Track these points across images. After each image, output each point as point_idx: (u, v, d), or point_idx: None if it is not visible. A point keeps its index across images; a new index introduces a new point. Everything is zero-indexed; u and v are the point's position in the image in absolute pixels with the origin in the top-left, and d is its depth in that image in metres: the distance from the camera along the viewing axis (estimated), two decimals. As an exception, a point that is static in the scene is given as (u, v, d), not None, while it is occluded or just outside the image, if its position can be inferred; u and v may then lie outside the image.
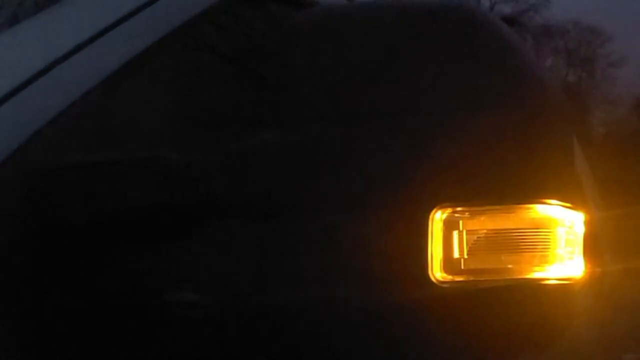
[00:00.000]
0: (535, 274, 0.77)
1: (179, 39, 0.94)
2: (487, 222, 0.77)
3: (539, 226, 0.77)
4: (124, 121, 0.88)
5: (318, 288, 0.78)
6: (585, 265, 0.83)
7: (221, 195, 0.79)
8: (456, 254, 0.76)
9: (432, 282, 0.76)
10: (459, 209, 0.77)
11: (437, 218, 0.76)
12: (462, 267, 0.77)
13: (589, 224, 0.83)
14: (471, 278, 0.77)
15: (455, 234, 0.76)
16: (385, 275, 0.77)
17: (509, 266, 0.77)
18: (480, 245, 0.77)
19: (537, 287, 0.78)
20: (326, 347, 0.79)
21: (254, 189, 0.79)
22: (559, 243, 0.77)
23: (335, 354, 0.79)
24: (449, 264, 0.76)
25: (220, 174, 0.80)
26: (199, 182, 0.79)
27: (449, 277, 0.77)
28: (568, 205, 0.79)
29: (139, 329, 0.79)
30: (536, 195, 0.78)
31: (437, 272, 0.76)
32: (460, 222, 0.77)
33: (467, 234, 0.76)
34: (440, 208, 0.76)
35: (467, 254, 0.76)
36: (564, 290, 0.80)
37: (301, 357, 0.80)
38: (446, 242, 0.76)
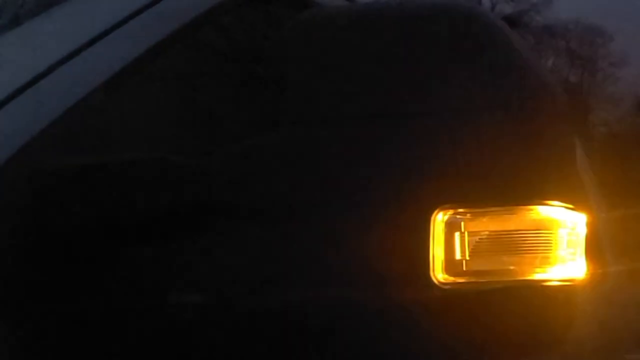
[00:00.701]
0: (537, 275, 0.77)
1: (180, 41, 0.94)
2: (489, 223, 0.77)
3: (540, 227, 0.77)
4: (127, 122, 0.88)
5: (318, 289, 0.78)
6: (588, 267, 0.83)
7: (223, 197, 0.79)
8: (458, 256, 0.76)
9: (434, 283, 0.76)
10: (460, 210, 0.77)
11: (439, 219, 0.76)
12: (464, 269, 0.77)
13: (590, 224, 0.83)
14: (473, 280, 0.77)
15: (457, 235, 0.76)
16: (387, 276, 0.77)
17: (511, 268, 0.77)
18: (482, 247, 0.76)
19: (539, 289, 0.78)
20: (326, 348, 0.79)
21: (256, 190, 0.79)
22: (560, 244, 0.77)
23: (335, 355, 0.79)
24: (450, 265, 0.76)
25: (221, 175, 0.80)
26: (201, 184, 0.79)
27: (451, 279, 0.76)
28: (570, 206, 0.79)
29: (140, 330, 0.79)
30: (538, 196, 0.77)
31: (438, 274, 0.76)
32: (462, 223, 0.77)
33: (468, 236, 0.76)
34: (442, 210, 0.76)
35: (469, 256, 0.76)
36: (566, 291, 0.80)
37: (301, 358, 0.80)
38: (448, 244, 0.76)
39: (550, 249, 0.77)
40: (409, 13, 0.84)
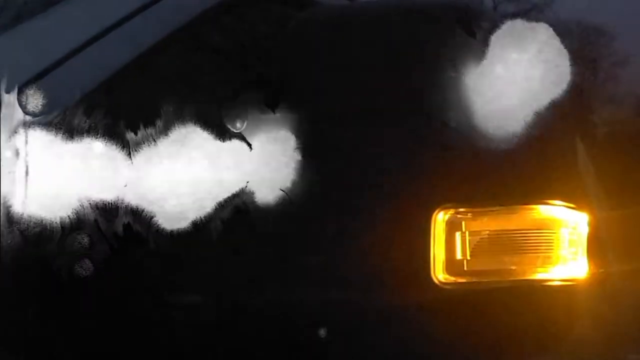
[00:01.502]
0: (539, 275, 0.77)
1: (180, 40, 0.94)
2: (490, 223, 0.77)
3: (541, 227, 0.77)
4: (126, 122, 0.88)
5: (318, 289, 0.78)
6: (589, 266, 0.83)
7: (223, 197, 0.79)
8: (459, 255, 0.76)
9: (434, 283, 0.76)
10: (461, 210, 0.77)
11: (440, 219, 0.76)
12: (465, 269, 0.77)
13: (592, 224, 0.83)
14: (474, 279, 0.77)
15: (457, 235, 0.76)
16: (387, 276, 0.77)
17: (512, 267, 0.77)
18: (483, 247, 0.76)
19: (540, 288, 0.78)
20: (326, 348, 0.79)
21: (256, 190, 0.79)
22: (562, 244, 0.77)
23: (335, 355, 0.79)
24: (451, 265, 0.76)
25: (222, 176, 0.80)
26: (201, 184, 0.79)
27: (452, 279, 0.76)
28: (571, 205, 0.79)
29: (140, 330, 0.79)
30: (539, 195, 0.77)
31: (439, 274, 0.76)
32: (463, 223, 0.77)
33: (469, 235, 0.76)
34: (443, 209, 0.76)
35: (470, 255, 0.76)
36: (567, 291, 0.80)
37: (301, 357, 0.80)
38: (449, 244, 0.76)
39: (552, 249, 0.77)
40: (408, 13, 0.84)
